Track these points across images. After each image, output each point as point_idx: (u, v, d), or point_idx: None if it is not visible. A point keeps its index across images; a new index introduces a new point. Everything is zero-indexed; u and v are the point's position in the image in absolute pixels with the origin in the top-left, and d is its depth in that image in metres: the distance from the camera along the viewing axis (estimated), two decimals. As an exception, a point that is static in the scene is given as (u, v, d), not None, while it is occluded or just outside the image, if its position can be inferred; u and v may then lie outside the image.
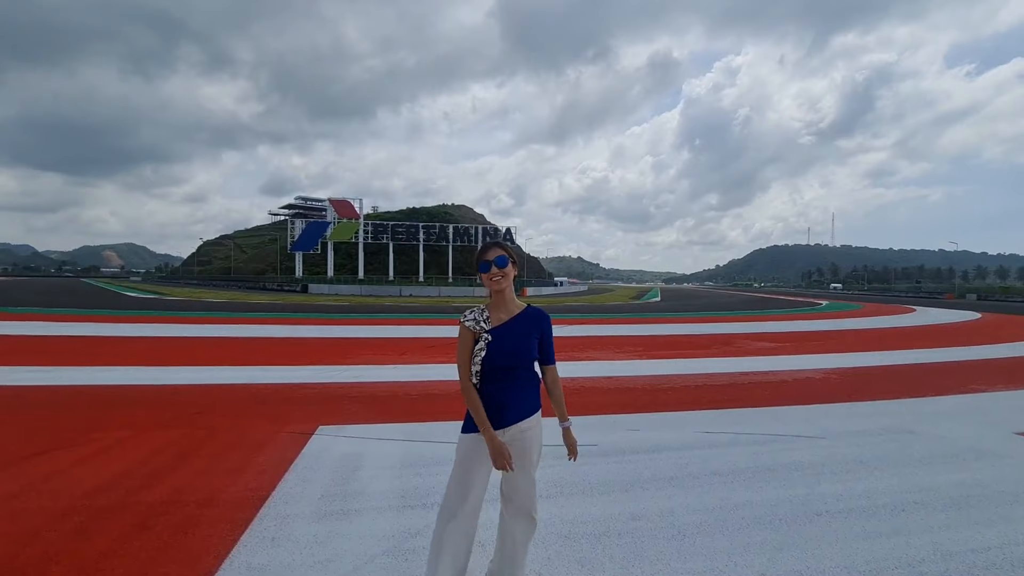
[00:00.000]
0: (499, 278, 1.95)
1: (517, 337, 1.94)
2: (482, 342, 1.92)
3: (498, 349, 1.91)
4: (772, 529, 2.74)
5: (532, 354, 1.98)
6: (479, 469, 1.90)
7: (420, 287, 53.72)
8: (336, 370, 7.22)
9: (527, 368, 1.98)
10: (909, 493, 3.23)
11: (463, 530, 1.86)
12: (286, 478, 3.32)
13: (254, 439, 4.12)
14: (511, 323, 1.97)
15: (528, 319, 2.00)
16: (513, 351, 1.92)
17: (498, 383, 1.93)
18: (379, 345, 10.30)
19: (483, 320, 1.97)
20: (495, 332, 1.93)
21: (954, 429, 4.67)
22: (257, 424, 4.56)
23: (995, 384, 6.82)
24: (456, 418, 4.76)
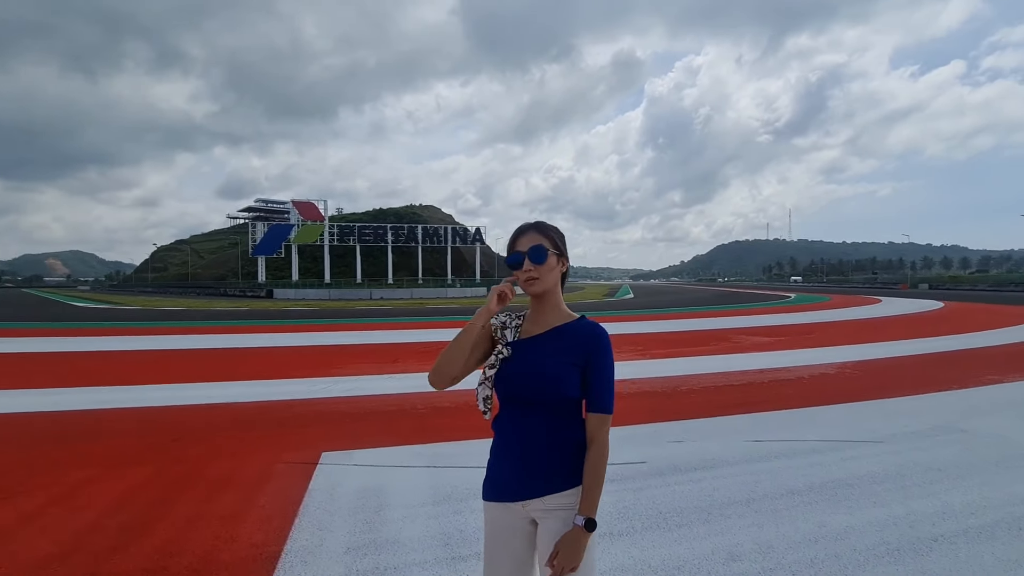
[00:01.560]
0: (534, 279, 1.31)
1: (540, 358, 1.31)
2: (494, 357, 1.34)
3: (513, 370, 1.31)
4: (896, 562, 2.33)
5: (562, 386, 1.28)
6: (503, 553, 1.33)
7: (390, 289, 52.50)
8: (327, 383, 6.54)
9: (560, 408, 1.30)
10: (1016, 506, 2.90)
11: None
12: (298, 525, 2.72)
13: (248, 473, 3.48)
14: (544, 337, 1.34)
15: (569, 336, 1.33)
16: (532, 375, 1.29)
17: (515, 426, 1.32)
18: (366, 353, 9.61)
19: (512, 327, 1.39)
20: (516, 345, 1.35)
21: (1005, 426, 4.44)
22: (248, 453, 3.91)
23: (1008, 374, 6.74)
24: (478, 435, 4.26)
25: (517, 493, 1.31)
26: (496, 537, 1.35)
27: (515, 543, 1.33)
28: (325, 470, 3.54)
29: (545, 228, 1.36)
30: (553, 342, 1.33)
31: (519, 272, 1.33)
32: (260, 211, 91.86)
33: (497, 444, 1.39)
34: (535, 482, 1.29)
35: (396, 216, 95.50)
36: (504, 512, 1.33)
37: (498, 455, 1.38)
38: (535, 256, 1.31)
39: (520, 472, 1.31)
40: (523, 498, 1.30)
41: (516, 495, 1.31)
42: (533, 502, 1.29)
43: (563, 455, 1.29)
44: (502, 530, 1.34)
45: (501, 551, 1.34)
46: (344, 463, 3.68)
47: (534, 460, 1.30)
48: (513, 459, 1.33)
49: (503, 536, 1.34)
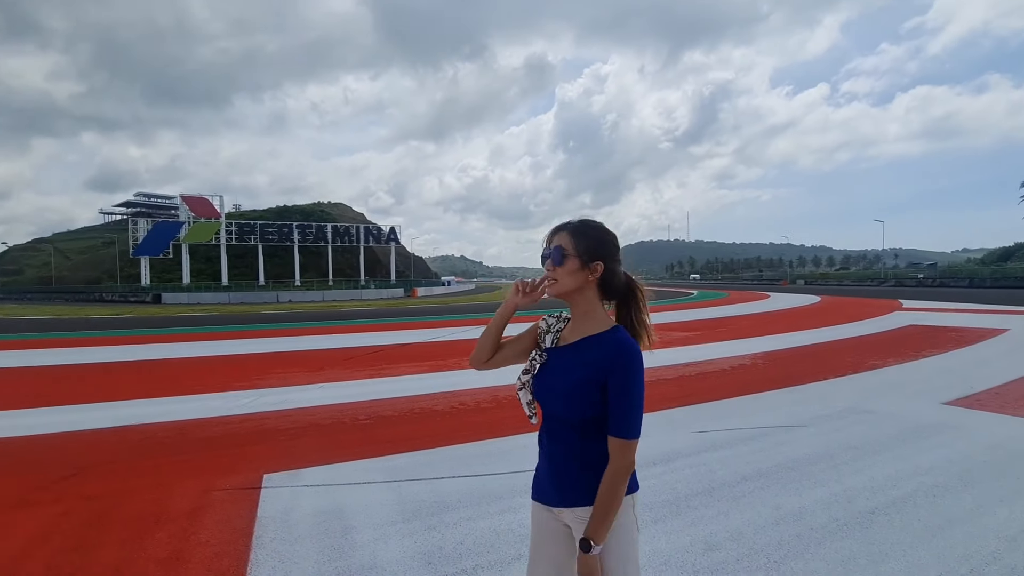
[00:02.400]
0: (553, 280, 1.29)
1: (563, 373, 1.27)
2: (528, 363, 1.35)
3: (541, 383, 1.32)
4: (847, 536, 2.56)
5: (579, 407, 1.22)
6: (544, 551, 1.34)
7: (299, 292, 49.45)
8: (249, 396, 5.97)
9: (577, 425, 1.24)
10: (929, 474, 3.32)
11: None
12: (255, 560, 2.44)
13: (179, 505, 3.06)
14: (572, 348, 1.30)
15: (596, 349, 1.24)
16: (551, 389, 1.28)
17: (552, 437, 1.31)
18: (287, 361, 8.91)
19: (553, 331, 1.36)
20: (551, 353, 1.33)
21: (897, 405, 5.09)
22: (174, 481, 3.44)
23: (887, 358, 7.77)
24: (433, 444, 4.10)
25: (553, 499, 1.31)
26: (539, 536, 1.37)
27: (555, 545, 1.33)
28: (271, 494, 3.21)
29: (579, 229, 1.30)
30: (580, 355, 1.27)
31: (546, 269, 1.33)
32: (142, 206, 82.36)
33: (541, 447, 1.37)
34: (566, 493, 1.28)
35: (303, 214, 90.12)
36: (546, 513, 1.34)
37: (541, 460, 1.37)
38: (555, 257, 1.28)
39: (554, 481, 1.30)
40: (557, 505, 1.30)
41: (553, 501, 1.31)
42: (565, 512, 1.28)
43: (592, 471, 1.23)
44: (544, 531, 1.35)
45: (542, 551, 1.35)
46: (291, 484, 3.36)
47: (564, 472, 1.29)
48: (549, 467, 1.32)
49: (545, 536, 1.35)
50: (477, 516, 2.87)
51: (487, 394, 5.95)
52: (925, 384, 5.99)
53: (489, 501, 3.07)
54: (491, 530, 2.71)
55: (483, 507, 2.99)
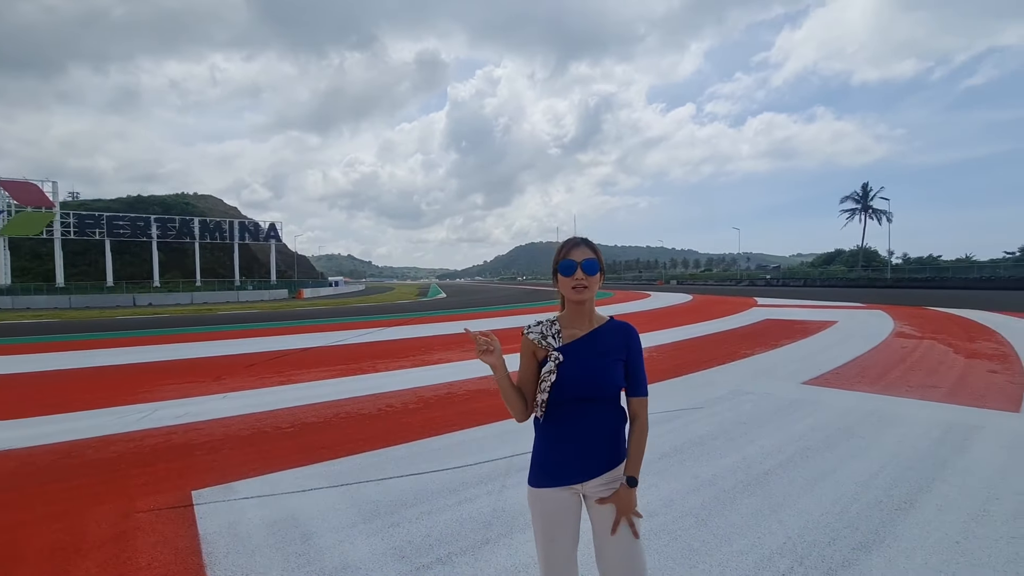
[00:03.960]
0: (584, 287, 1.52)
1: (595, 358, 1.52)
2: (551, 363, 1.52)
3: (570, 374, 1.51)
4: (752, 494, 3.10)
5: (616, 381, 1.53)
6: (562, 530, 1.54)
7: (162, 294, 43.86)
8: (142, 411, 5.35)
9: (611, 400, 1.54)
10: (801, 440, 4.07)
11: None
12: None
13: (100, 533, 2.76)
14: (587, 339, 1.56)
15: (611, 335, 1.57)
16: (590, 377, 1.51)
17: (573, 421, 1.52)
18: (174, 370, 8.01)
19: (552, 334, 1.57)
20: (567, 350, 1.54)
21: (769, 386, 6.05)
22: (85, 507, 3.07)
23: (755, 348, 9.09)
24: (373, 446, 4.07)
25: (575, 476, 1.52)
26: (553, 517, 1.53)
27: (570, 519, 1.54)
28: (208, 510, 3.02)
29: (592, 244, 1.58)
30: (599, 342, 1.56)
31: (569, 279, 1.53)
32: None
33: (551, 436, 1.56)
34: (592, 463, 1.52)
35: (162, 206, 79.58)
36: (560, 494, 1.53)
37: (554, 445, 1.55)
38: (588, 268, 1.52)
39: (579, 458, 1.52)
40: (582, 480, 1.52)
41: (574, 478, 1.53)
42: (591, 482, 1.52)
43: (614, 439, 1.56)
44: (558, 511, 1.53)
45: (559, 528, 1.53)
46: (227, 499, 3.18)
47: (592, 446, 1.53)
48: (571, 448, 1.53)
49: (560, 515, 1.53)
50: (436, 510, 2.98)
51: (411, 395, 5.96)
52: (786, 368, 7.16)
53: (444, 495, 3.18)
54: (454, 520, 2.84)
55: (440, 501, 3.10)
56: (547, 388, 1.53)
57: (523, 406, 1.61)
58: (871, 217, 62.46)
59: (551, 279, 1.63)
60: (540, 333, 1.58)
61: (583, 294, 1.53)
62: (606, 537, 1.50)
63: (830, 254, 76.90)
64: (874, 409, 4.95)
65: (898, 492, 3.10)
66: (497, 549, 2.53)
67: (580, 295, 1.53)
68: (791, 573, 2.30)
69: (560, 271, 1.55)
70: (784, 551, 2.48)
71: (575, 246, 1.55)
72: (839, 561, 2.38)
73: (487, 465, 3.67)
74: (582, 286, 1.52)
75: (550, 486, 1.54)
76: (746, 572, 2.31)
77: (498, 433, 4.42)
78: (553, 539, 1.53)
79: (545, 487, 1.54)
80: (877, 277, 50.25)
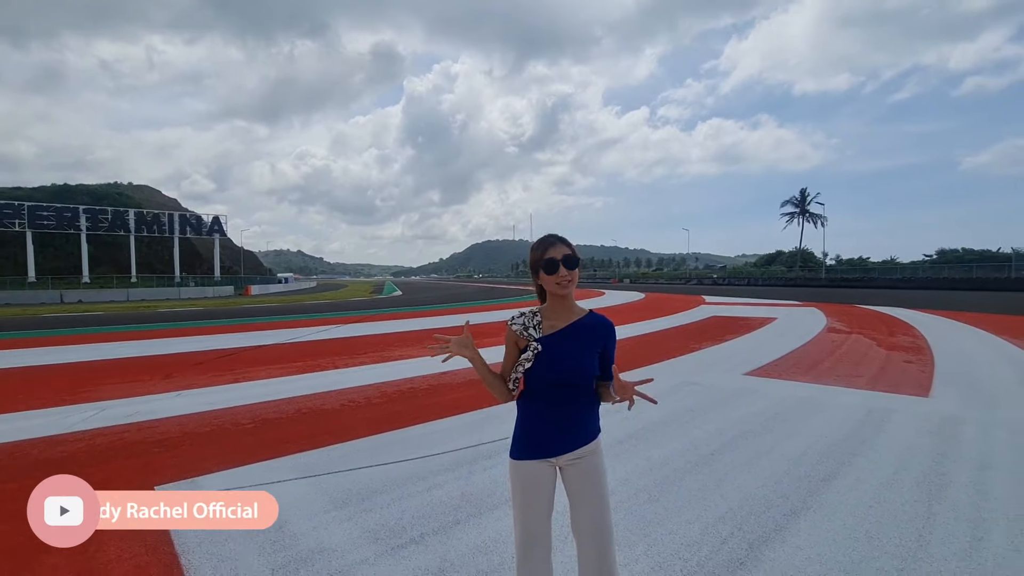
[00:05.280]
0: (568, 282, 1.67)
1: (574, 348, 1.69)
2: (529, 352, 1.69)
3: (549, 362, 1.67)
4: (699, 471, 3.40)
5: (590, 370, 1.70)
6: (540, 498, 1.70)
7: (93, 290, 40.98)
8: (88, 410, 5.14)
9: (585, 387, 1.71)
10: (742, 424, 4.44)
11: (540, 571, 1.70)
12: (189, 564, 2.37)
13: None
14: (567, 331, 1.71)
15: (589, 328, 1.74)
16: (569, 365, 1.67)
17: (550, 404, 1.69)
18: (121, 369, 7.65)
19: (533, 326, 1.73)
20: (546, 341, 1.70)
21: (714, 377, 6.49)
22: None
23: (702, 343, 9.63)
24: (338, 439, 4.12)
25: (553, 450, 1.70)
26: (531, 486, 1.70)
27: (546, 489, 1.71)
28: (174, 504, 3.00)
29: (567, 241, 1.72)
30: (579, 335, 1.72)
31: (553, 276, 1.68)
32: None
33: (531, 415, 1.74)
34: (567, 440, 1.71)
35: (93, 196, 74.03)
36: (539, 466, 1.71)
37: (535, 424, 1.73)
38: (569, 264, 1.68)
39: (556, 435, 1.70)
40: (558, 453, 1.70)
41: (552, 452, 1.70)
42: (565, 456, 1.71)
43: (587, 419, 1.74)
44: (537, 480, 1.70)
45: (536, 496, 1.70)
46: (194, 491, 3.16)
47: (567, 425, 1.71)
48: (550, 426, 1.71)
49: (539, 484, 1.70)
50: (406, 495, 3.10)
51: (373, 390, 6.00)
52: (729, 361, 7.66)
53: (413, 482, 3.31)
54: (424, 504, 2.98)
55: (409, 487, 3.22)
56: (521, 372, 1.71)
57: (505, 390, 1.78)
58: (808, 220, 66.54)
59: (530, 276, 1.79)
60: (522, 324, 1.73)
61: (567, 288, 1.69)
62: (579, 505, 1.69)
63: (771, 255, 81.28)
64: (806, 397, 5.44)
65: (823, 467, 3.48)
66: (467, 529, 2.69)
67: (564, 289, 1.69)
68: (731, 538, 2.58)
69: (544, 269, 1.69)
70: (726, 519, 2.76)
71: (552, 245, 1.70)
72: (772, 526, 2.69)
73: (452, 454, 3.81)
74: (566, 281, 1.68)
75: (529, 459, 1.71)
76: (694, 538, 2.57)
77: (461, 425, 4.56)
78: (530, 506, 1.69)
79: (525, 459, 1.72)
80: (813, 277, 53.60)
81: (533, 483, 1.70)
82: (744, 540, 2.56)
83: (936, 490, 3.10)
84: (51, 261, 52.03)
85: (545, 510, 1.71)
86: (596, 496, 1.69)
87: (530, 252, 1.76)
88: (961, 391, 5.60)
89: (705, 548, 2.49)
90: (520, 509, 1.71)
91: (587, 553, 1.68)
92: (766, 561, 2.37)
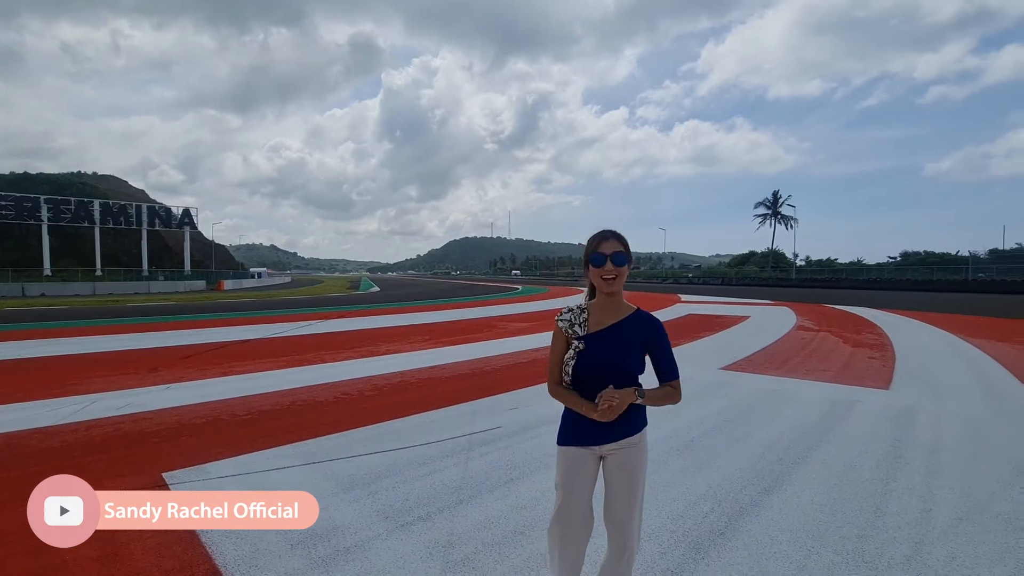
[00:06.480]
0: (613, 277, 1.69)
1: (614, 346, 1.70)
2: (571, 349, 1.73)
3: (588, 359, 1.70)
4: (680, 456, 3.67)
5: (630, 368, 1.70)
6: (578, 482, 1.76)
7: (56, 283, 39.50)
8: (77, 403, 5.15)
9: (627, 384, 1.69)
10: (720, 414, 4.74)
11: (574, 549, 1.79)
12: (210, 542, 2.51)
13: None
14: (611, 329, 1.73)
15: (633, 326, 1.73)
16: (608, 364, 1.69)
17: (594, 395, 1.69)
18: (106, 363, 7.57)
19: (579, 323, 1.75)
20: (589, 339, 1.73)
21: (693, 372, 6.81)
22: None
23: (679, 340, 10.00)
24: (338, 429, 4.26)
25: (593, 440, 1.75)
26: (576, 472, 1.76)
27: (586, 475, 1.78)
28: (186, 488, 3.12)
29: (621, 237, 1.74)
30: (623, 333, 1.73)
31: (599, 269, 1.69)
32: None
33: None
34: (607, 431, 1.73)
35: (54, 185, 71.14)
36: (579, 452, 1.76)
37: (577, 415, 1.75)
38: (618, 260, 1.68)
39: (595, 426, 1.72)
40: (599, 444, 1.75)
41: (592, 441, 1.75)
42: (607, 446, 1.75)
43: (628, 413, 1.72)
44: (580, 467, 1.76)
45: (576, 481, 1.76)
46: (202, 478, 3.29)
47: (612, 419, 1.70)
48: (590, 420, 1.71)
49: (581, 471, 1.76)
50: (410, 479, 3.28)
51: (365, 383, 6.13)
52: (707, 357, 8.02)
53: (414, 467, 3.48)
54: (428, 487, 3.16)
55: (411, 472, 3.40)
56: (569, 371, 1.75)
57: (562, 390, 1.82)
58: (780, 222, 68.46)
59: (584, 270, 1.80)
60: (568, 321, 1.76)
61: (612, 285, 1.69)
62: (611, 494, 1.77)
63: (745, 255, 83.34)
64: (778, 389, 5.79)
65: (794, 451, 3.79)
66: (471, 507, 2.89)
67: (610, 287, 1.70)
68: (712, 512, 2.84)
69: (592, 263, 1.71)
70: (707, 496, 3.03)
71: (604, 239, 1.71)
72: (748, 502, 2.96)
73: (450, 442, 3.99)
74: (611, 277, 1.68)
75: (572, 445, 1.77)
76: (678, 513, 2.83)
77: (455, 415, 4.75)
78: (571, 491, 1.75)
79: (568, 446, 1.78)
80: (784, 277, 55.23)
81: (574, 468, 1.76)
82: (724, 514, 2.82)
83: (893, 470, 3.43)
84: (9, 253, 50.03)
85: (584, 495, 1.77)
86: (626, 488, 1.74)
87: (586, 244, 1.79)
88: (918, 385, 6.04)
89: (689, 521, 2.75)
90: (562, 492, 1.78)
91: (611, 541, 1.79)
92: (743, 532, 2.63)
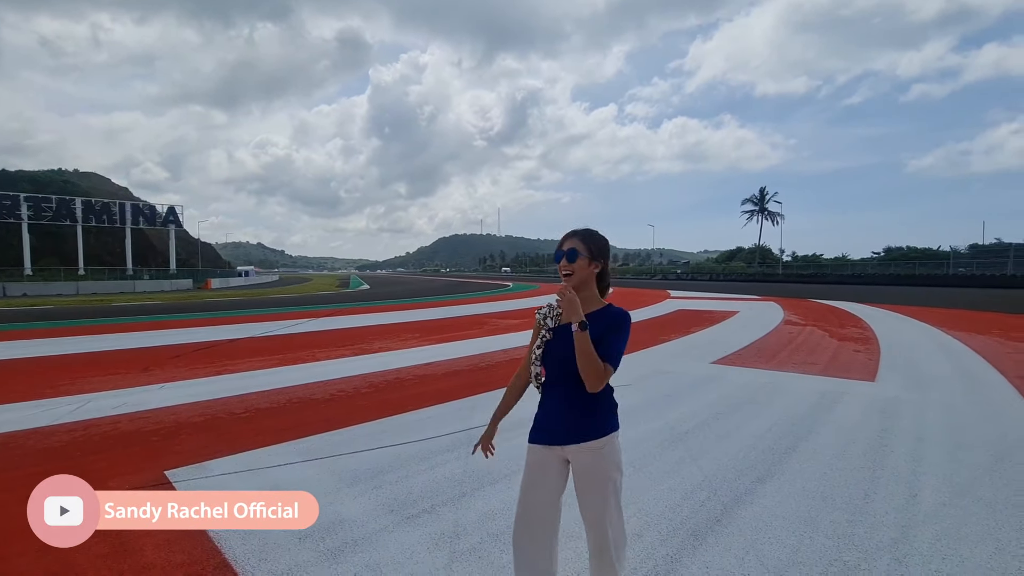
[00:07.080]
0: (568, 273, 1.72)
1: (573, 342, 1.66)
2: (540, 339, 1.78)
3: (551, 353, 1.75)
4: (673, 448, 3.77)
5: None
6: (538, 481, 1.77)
7: (37, 283, 38.74)
8: (72, 402, 5.12)
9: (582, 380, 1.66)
10: (712, 407, 4.85)
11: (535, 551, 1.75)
12: (219, 538, 2.54)
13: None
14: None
15: (596, 321, 1.71)
16: (564, 358, 1.70)
17: (559, 393, 1.74)
18: (97, 363, 7.50)
19: (552, 317, 1.78)
20: (557, 331, 1.76)
21: (684, 366, 6.94)
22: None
23: (671, 335, 10.14)
24: (336, 426, 4.30)
25: (560, 439, 1.74)
26: (539, 470, 1.77)
27: (550, 474, 1.77)
28: (191, 486, 3.15)
29: (586, 236, 1.77)
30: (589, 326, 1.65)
31: (558, 265, 1.76)
32: None
33: (541, 403, 1.81)
34: (571, 432, 1.73)
35: (34, 183, 69.57)
36: (547, 451, 1.77)
37: (544, 412, 1.80)
38: (570, 256, 1.73)
39: (560, 424, 1.74)
40: (564, 443, 1.73)
41: (559, 441, 1.74)
42: (570, 447, 1.73)
43: (591, 416, 1.73)
44: (543, 465, 1.77)
45: (539, 479, 1.77)
46: (205, 476, 3.32)
47: (571, 417, 1.73)
48: (558, 415, 1.74)
49: (544, 469, 1.77)
50: (412, 473, 3.34)
51: (361, 381, 6.16)
52: (697, 351, 8.16)
53: (416, 462, 3.54)
54: (431, 480, 3.22)
55: (413, 466, 3.45)
56: (539, 364, 1.78)
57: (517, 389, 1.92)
58: (767, 218, 69.27)
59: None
60: (543, 315, 1.80)
61: (570, 280, 1.72)
62: (581, 497, 1.75)
63: (732, 251, 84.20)
64: (767, 382, 5.93)
65: (784, 442, 3.90)
66: (474, 499, 2.95)
67: (568, 280, 1.72)
68: (708, 501, 2.93)
69: (555, 259, 1.79)
70: (702, 486, 3.12)
71: (567, 237, 1.77)
72: (742, 491, 3.06)
73: (449, 437, 4.05)
74: (567, 273, 1.73)
75: (538, 443, 1.79)
76: (675, 502, 2.92)
77: (453, 410, 4.81)
78: (532, 487, 1.77)
79: (534, 443, 1.80)
80: (771, 273, 55.95)
81: (538, 467, 1.78)
82: (719, 503, 2.92)
83: (879, 458, 3.56)
84: (-17, 252, 48.92)
85: (546, 494, 1.76)
86: (593, 492, 1.71)
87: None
88: (902, 377, 6.21)
89: (686, 509, 2.84)
90: (523, 488, 1.80)
91: (589, 540, 1.77)
92: (738, 519, 2.73)
